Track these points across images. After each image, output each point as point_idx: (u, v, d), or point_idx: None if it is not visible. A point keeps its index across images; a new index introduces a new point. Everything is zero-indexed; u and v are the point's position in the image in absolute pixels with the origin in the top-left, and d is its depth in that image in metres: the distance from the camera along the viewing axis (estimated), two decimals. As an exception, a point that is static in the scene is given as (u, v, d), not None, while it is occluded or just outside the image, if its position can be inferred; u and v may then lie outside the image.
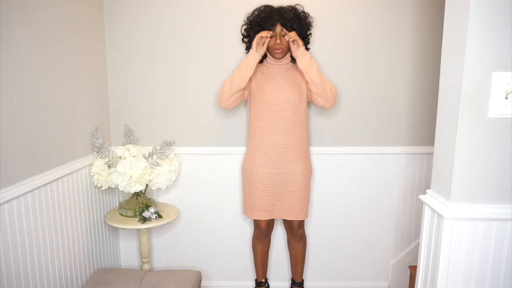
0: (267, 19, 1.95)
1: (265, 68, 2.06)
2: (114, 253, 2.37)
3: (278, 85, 2.01)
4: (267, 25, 1.94)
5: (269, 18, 1.94)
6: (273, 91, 2.00)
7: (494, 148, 1.20)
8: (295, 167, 2.04)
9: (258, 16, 1.98)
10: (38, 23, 1.61)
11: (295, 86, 2.02)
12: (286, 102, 1.99)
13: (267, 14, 1.96)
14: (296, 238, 2.19)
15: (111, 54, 2.23)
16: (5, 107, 1.43)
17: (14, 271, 1.48)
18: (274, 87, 2.01)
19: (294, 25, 1.95)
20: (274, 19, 1.93)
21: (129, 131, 2.23)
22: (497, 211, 1.23)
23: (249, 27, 2.04)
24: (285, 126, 2.00)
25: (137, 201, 2.15)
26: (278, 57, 2.00)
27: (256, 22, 1.99)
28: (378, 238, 2.40)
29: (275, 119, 2.00)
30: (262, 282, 2.31)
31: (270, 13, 1.96)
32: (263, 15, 1.97)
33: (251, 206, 2.08)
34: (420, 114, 2.27)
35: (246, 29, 2.07)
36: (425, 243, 1.39)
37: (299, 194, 2.05)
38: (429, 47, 2.19)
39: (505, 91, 1.16)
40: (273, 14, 1.95)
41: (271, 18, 1.94)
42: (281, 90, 2.00)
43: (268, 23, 1.94)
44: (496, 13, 1.12)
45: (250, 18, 2.04)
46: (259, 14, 1.99)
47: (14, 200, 1.47)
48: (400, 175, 2.33)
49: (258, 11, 2.01)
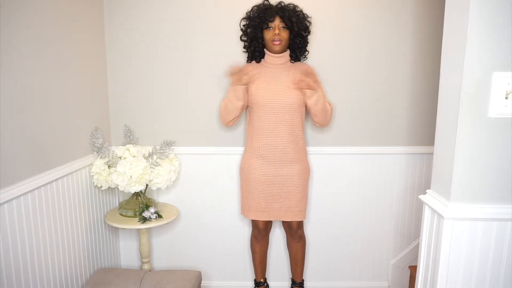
0: (266, 10, 1.97)
1: (263, 69, 2.06)
2: (114, 253, 2.37)
3: (277, 86, 2.01)
4: (266, 16, 1.96)
5: (268, 9, 1.97)
6: (271, 93, 1.99)
7: (494, 148, 1.20)
8: (293, 168, 2.03)
9: (258, 8, 2.01)
10: (38, 23, 1.61)
11: (294, 88, 2.02)
12: (284, 104, 1.99)
13: (267, 6, 2.00)
14: (296, 239, 2.19)
15: (111, 54, 2.23)
16: (5, 107, 1.43)
17: (14, 271, 1.48)
18: (272, 89, 2.00)
19: (293, 18, 1.96)
20: (273, 10, 1.96)
21: (129, 131, 2.23)
22: (497, 211, 1.23)
23: (248, 22, 2.05)
24: (283, 128, 2.00)
25: (137, 201, 2.15)
26: (276, 49, 2.00)
27: (255, 14, 2.01)
28: (378, 238, 2.40)
29: (273, 121, 1.99)
30: (261, 282, 2.31)
31: (269, 6, 2.00)
32: (263, 7, 2.00)
33: (249, 207, 2.08)
34: (420, 114, 2.27)
35: (245, 24, 2.07)
36: (425, 243, 1.39)
37: (297, 195, 2.05)
38: (429, 47, 2.19)
39: (505, 91, 1.16)
40: (272, 6, 1.99)
41: (270, 9, 1.97)
42: (279, 91, 2.00)
43: (267, 14, 1.96)
44: (496, 13, 1.12)
45: (249, 13, 2.05)
46: (259, 6, 2.02)
47: (14, 200, 1.47)
48: (400, 175, 2.33)
49: (257, 6, 2.04)
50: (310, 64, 2.19)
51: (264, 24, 1.97)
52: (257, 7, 2.03)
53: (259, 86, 2.02)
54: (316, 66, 2.20)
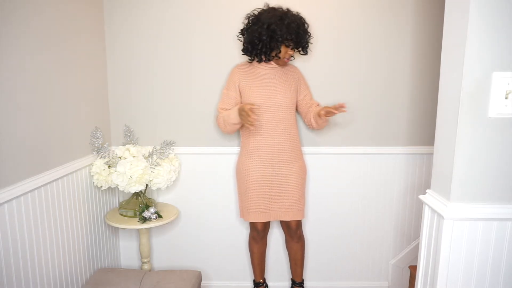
0: (285, 35, 1.89)
1: (256, 70, 2.05)
2: (114, 253, 2.37)
3: (271, 86, 2.01)
4: (283, 41, 1.90)
5: (286, 34, 1.88)
6: (265, 93, 1.99)
7: (494, 148, 1.20)
8: (290, 167, 2.04)
9: (276, 26, 1.88)
10: (38, 23, 1.61)
11: (288, 87, 2.02)
12: (279, 102, 1.99)
13: (285, 31, 1.88)
14: (295, 239, 2.19)
15: (111, 54, 2.23)
16: (5, 107, 1.43)
17: (14, 271, 1.48)
18: (267, 89, 2.00)
19: (305, 44, 1.98)
20: (291, 36, 1.90)
21: (129, 131, 2.23)
22: (497, 211, 1.23)
23: (259, 32, 1.90)
24: (279, 127, 2.00)
25: (137, 201, 2.15)
26: (283, 65, 2.04)
27: (270, 34, 1.89)
28: (378, 238, 2.40)
29: (270, 121, 1.99)
30: (260, 282, 2.31)
31: (288, 29, 1.88)
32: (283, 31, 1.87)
33: (248, 209, 2.08)
34: (420, 114, 2.26)
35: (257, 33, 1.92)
36: (425, 243, 1.39)
37: (295, 194, 2.05)
38: (429, 47, 2.19)
39: (505, 91, 1.16)
40: (291, 31, 1.89)
41: (288, 34, 1.89)
42: (273, 91, 2.00)
43: (286, 39, 1.90)
44: (496, 13, 1.12)
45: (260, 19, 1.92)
46: (275, 25, 1.88)
47: (14, 200, 1.47)
48: (400, 175, 2.33)
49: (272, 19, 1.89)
50: (310, 64, 2.20)
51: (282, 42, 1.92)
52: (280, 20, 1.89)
53: (253, 86, 2.01)
54: (316, 66, 2.21)
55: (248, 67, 2.07)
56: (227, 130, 2.06)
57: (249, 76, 2.04)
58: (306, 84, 2.14)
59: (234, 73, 2.07)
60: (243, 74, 2.05)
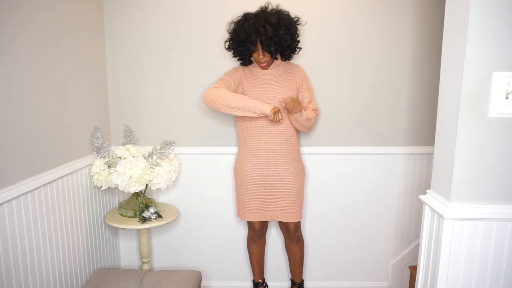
0: (246, 41, 1.90)
1: (255, 70, 2.05)
2: (114, 253, 2.37)
3: (270, 86, 2.00)
4: (248, 47, 1.92)
5: (248, 39, 1.88)
6: (264, 93, 1.99)
7: (494, 148, 1.20)
8: (287, 168, 2.03)
9: (238, 36, 1.93)
10: (37, 23, 1.61)
11: (287, 88, 2.01)
12: (277, 104, 1.98)
13: (246, 35, 1.88)
14: (294, 241, 2.18)
15: (111, 54, 2.23)
16: (5, 107, 1.43)
17: (14, 271, 1.48)
18: (266, 89, 2.00)
19: (272, 47, 1.89)
20: (254, 40, 1.87)
21: (129, 131, 2.23)
22: (497, 211, 1.23)
23: (231, 42, 1.99)
24: (277, 127, 1.99)
25: (137, 201, 2.15)
26: (264, 69, 2.01)
27: (236, 42, 1.95)
28: (378, 238, 2.40)
29: (267, 121, 1.98)
30: (260, 282, 2.31)
31: (249, 33, 1.87)
32: (243, 35, 1.90)
33: (243, 208, 2.08)
34: (420, 114, 2.26)
35: (229, 44, 2.01)
36: (425, 243, 1.39)
37: (292, 196, 2.04)
38: (429, 47, 2.19)
39: (505, 91, 1.16)
40: (251, 34, 1.86)
41: (250, 39, 1.87)
42: (272, 91, 1.99)
43: (249, 44, 1.89)
44: (496, 13, 1.12)
45: (229, 31, 1.99)
46: (239, 33, 1.92)
47: (14, 200, 1.47)
48: (400, 175, 2.33)
49: (237, 26, 1.93)
50: (309, 64, 2.19)
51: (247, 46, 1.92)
52: (236, 26, 1.93)
53: (253, 85, 2.01)
54: (316, 67, 2.20)
55: (250, 66, 2.07)
56: (215, 105, 1.95)
57: (250, 75, 2.04)
58: (308, 85, 2.08)
59: (239, 69, 2.07)
60: (247, 72, 2.05)
